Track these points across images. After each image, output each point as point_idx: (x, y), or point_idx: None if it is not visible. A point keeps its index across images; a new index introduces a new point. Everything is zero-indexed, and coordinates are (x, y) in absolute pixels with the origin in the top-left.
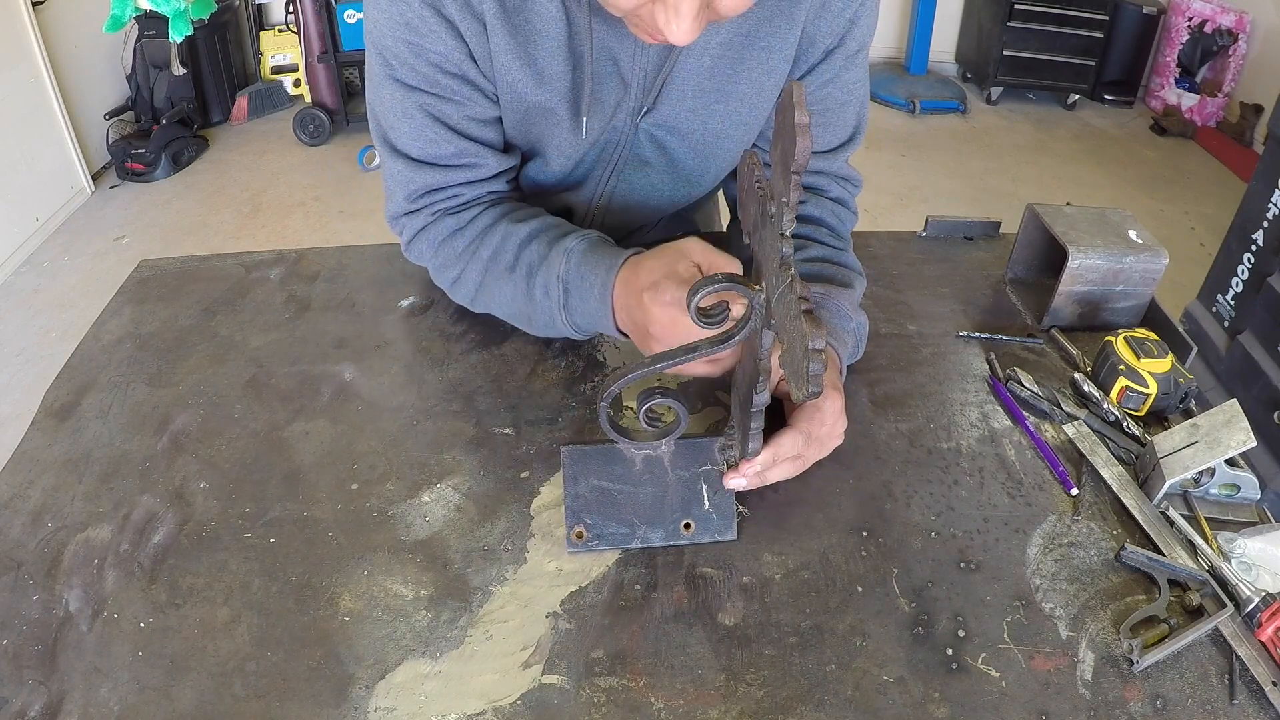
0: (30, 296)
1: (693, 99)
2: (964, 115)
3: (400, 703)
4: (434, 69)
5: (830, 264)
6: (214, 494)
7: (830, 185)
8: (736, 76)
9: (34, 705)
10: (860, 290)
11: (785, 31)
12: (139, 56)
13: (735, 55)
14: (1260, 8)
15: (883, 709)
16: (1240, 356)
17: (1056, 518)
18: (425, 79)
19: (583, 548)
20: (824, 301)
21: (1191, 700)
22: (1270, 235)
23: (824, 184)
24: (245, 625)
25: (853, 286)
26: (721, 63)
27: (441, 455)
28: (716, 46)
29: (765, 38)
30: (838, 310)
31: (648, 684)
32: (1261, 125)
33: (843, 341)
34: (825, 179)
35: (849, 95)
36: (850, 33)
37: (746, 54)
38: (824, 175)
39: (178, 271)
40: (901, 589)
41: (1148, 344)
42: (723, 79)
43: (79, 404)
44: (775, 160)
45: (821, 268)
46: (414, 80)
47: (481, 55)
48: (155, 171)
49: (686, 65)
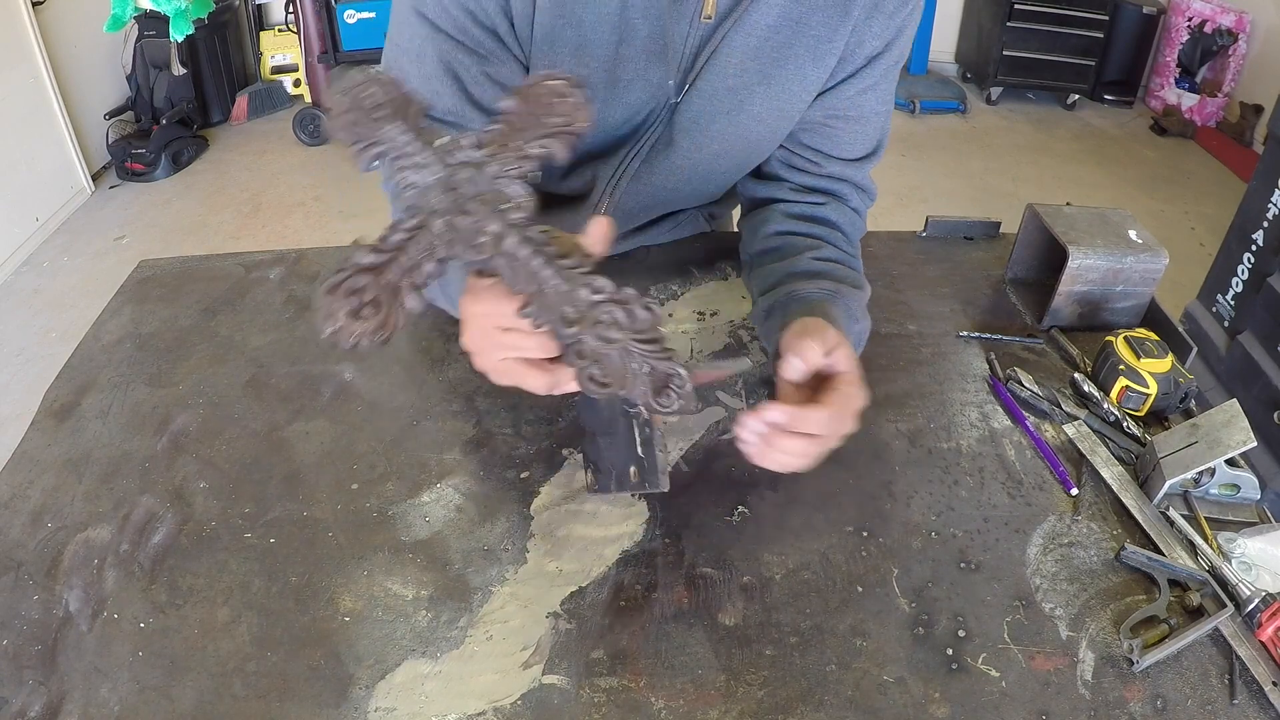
0: (30, 296)
1: (734, 77)
2: (964, 115)
3: (400, 703)
4: (466, 15)
5: (844, 267)
6: (214, 494)
7: (851, 194)
8: (781, 60)
9: (34, 705)
10: (867, 296)
11: (838, 23)
12: (139, 56)
13: (783, 40)
14: (1260, 8)
15: (883, 709)
16: (1240, 356)
17: (1056, 518)
18: (454, 23)
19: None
20: (835, 299)
21: (1191, 700)
22: (1270, 235)
23: (846, 192)
24: (245, 625)
25: (862, 289)
26: (768, 45)
27: (441, 455)
28: (764, 28)
29: (816, 26)
30: (847, 310)
31: (648, 684)
32: (1261, 125)
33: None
34: (848, 187)
35: (881, 106)
36: (896, 40)
37: (795, 39)
38: (847, 184)
39: (178, 271)
40: (901, 589)
41: (1148, 344)
42: (767, 61)
43: (79, 404)
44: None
45: (834, 268)
46: (441, 21)
47: (520, 13)
48: (155, 171)
49: (732, 43)
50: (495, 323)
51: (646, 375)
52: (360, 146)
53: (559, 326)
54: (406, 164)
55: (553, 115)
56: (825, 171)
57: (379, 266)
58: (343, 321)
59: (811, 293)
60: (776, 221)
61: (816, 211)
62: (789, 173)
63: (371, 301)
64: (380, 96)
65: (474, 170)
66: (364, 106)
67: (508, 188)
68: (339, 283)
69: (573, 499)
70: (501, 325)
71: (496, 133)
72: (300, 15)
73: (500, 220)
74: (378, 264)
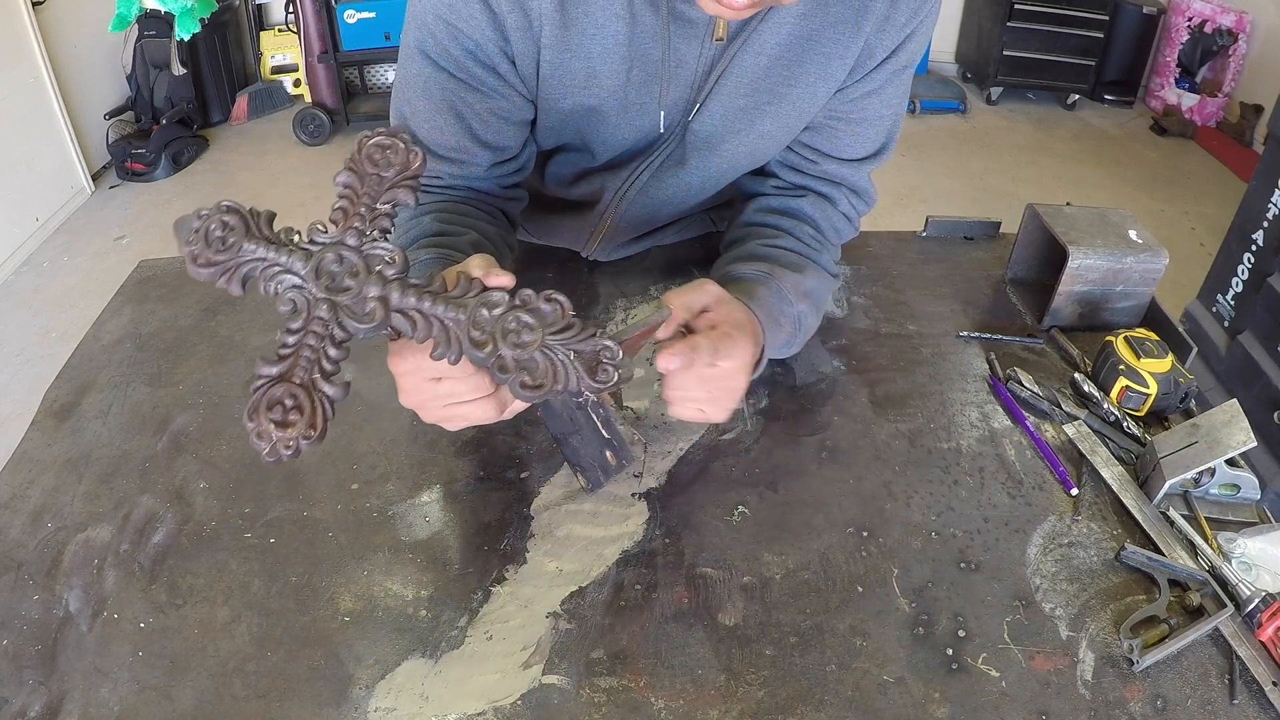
0: (30, 296)
1: (745, 96)
2: (964, 115)
3: (400, 703)
4: (466, 55)
5: (792, 253)
6: (214, 494)
7: (843, 197)
8: (792, 79)
9: (34, 705)
10: (815, 281)
11: (849, 40)
12: (139, 56)
13: (794, 58)
14: (1260, 8)
15: (883, 709)
16: (1240, 356)
17: (1056, 518)
18: (455, 63)
19: (590, 493)
20: (767, 280)
21: (1191, 700)
22: (1270, 235)
23: (835, 194)
24: (245, 625)
25: (801, 272)
26: (779, 64)
27: (441, 455)
28: (775, 47)
29: (828, 43)
30: (778, 291)
31: (648, 684)
32: (1261, 125)
33: (776, 323)
34: (839, 190)
35: (886, 109)
36: (905, 45)
37: (806, 57)
38: (840, 186)
39: (178, 271)
40: (901, 589)
41: (1148, 344)
42: (778, 80)
43: (79, 404)
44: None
45: (780, 254)
46: (443, 60)
47: (522, 52)
48: (155, 171)
49: (743, 63)
50: (424, 376)
51: (574, 362)
52: (226, 276)
53: (472, 352)
54: (273, 271)
55: (388, 169)
56: (819, 170)
57: (285, 373)
58: (275, 435)
59: (744, 273)
60: (750, 214)
61: (790, 204)
62: (783, 170)
63: (294, 406)
64: (225, 224)
65: (336, 249)
66: (212, 239)
67: (374, 250)
68: (256, 403)
69: (573, 499)
70: (430, 377)
71: (342, 209)
72: (300, 15)
73: (378, 283)
74: (283, 371)
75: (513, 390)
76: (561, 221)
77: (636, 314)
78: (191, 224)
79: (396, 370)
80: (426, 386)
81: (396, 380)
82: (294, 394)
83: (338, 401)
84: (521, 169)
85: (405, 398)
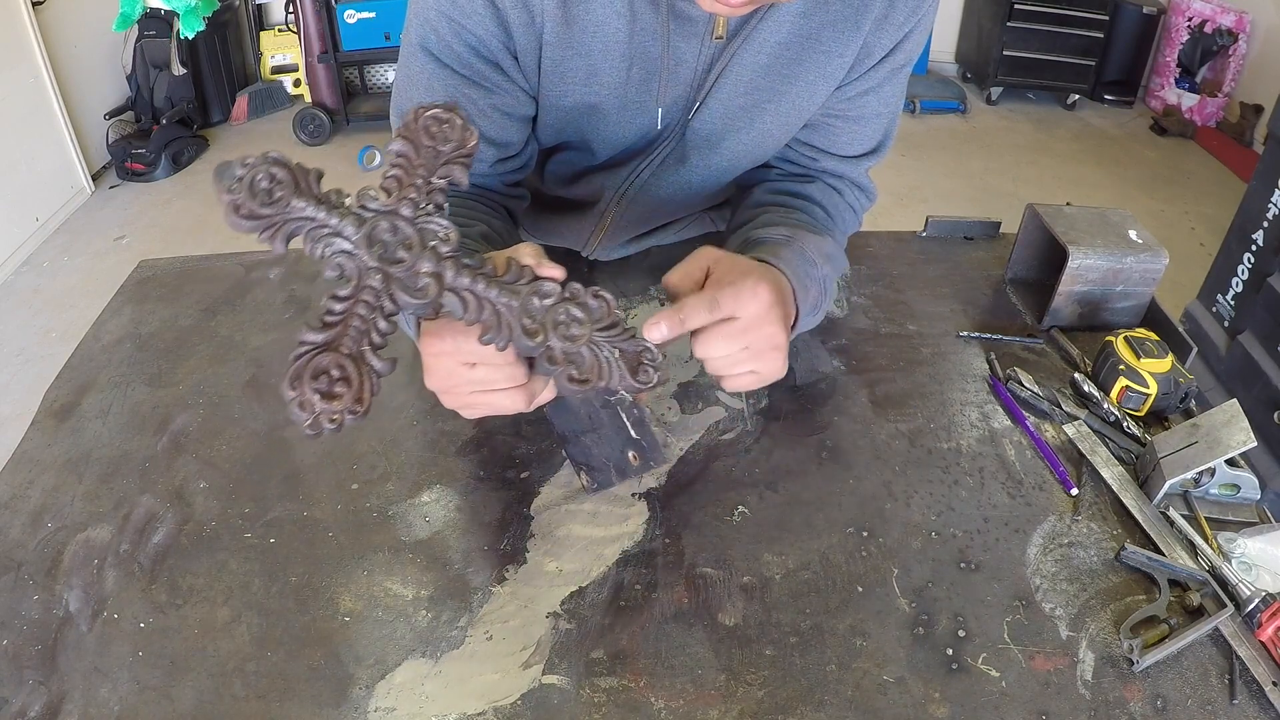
0: (30, 296)
1: (745, 95)
2: (964, 115)
3: (400, 703)
4: (470, 51)
5: (809, 219)
6: (214, 494)
7: (846, 189)
8: (792, 77)
9: (34, 705)
10: (834, 248)
11: (849, 38)
12: (139, 56)
13: (793, 56)
14: (1260, 8)
15: (883, 709)
16: (1240, 356)
17: (1056, 518)
18: (458, 58)
19: (593, 493)
20: (789, 242)
21: (1191, 700)
22: (1270, 235)
23: (841, 187)
24: (245, 625)
25: (828, 236)
26: (779, 62)
27: (441, 455)
28: (775, 45)
29: (827, 42)
30: (801, 254)
31: (648, 684)
32: (1261, 125)
33: (803, 283)
34: (843, 183)
35: (883, 107)
36: (903, 44)
37: (805, 56)
38: (843, 180)
39: (178, 271)
40: (901, 589)
41: (1148, 344)
42: (778, 78)
43: (79, 404)
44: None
45: (800, 220)
46: (445, 56)
47: (524, 48)
48: (155, 171)
49: (743, 61)
50: (461, 359)
51: (619, 360)
52: (270, 231)
53: (523, 341)
54: (322, 233)
55: (444, 143)
56: (819, 166)
57: (332, 341)
58: (319, 406)
59: (765, 236)
60: (759, 195)
61: (799, 188)
62: (784, 165)
63: (341, 378)
64: (272, 177)
65: (390, 218)
66: (259, 191)
67: (429, 224)
68: (300, 370)
69: (573, 499)
70: (467, 361)
71: (396, 177)
72: (300, 15)
73: (433, 258)
74: (330, 339)
75: (558, 383)
76: (562, 221)
77: (637, 314)
78: (235, 171)
79: (430, 350)
80: (459, 370)
81: (425, 360)
82: (341, 364)
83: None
84: (524, 166)
85: (432, 379)
